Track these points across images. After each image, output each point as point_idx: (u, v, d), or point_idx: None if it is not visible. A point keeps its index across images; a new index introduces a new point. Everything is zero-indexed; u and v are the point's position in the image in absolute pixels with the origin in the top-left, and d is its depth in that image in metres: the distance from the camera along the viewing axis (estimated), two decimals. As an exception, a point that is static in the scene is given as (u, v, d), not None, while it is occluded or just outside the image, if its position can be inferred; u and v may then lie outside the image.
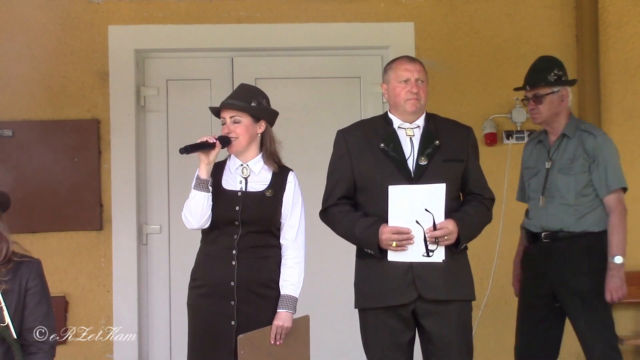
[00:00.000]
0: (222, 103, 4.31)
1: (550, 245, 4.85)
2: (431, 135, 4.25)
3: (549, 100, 4.93)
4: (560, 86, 4.95)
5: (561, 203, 4.84)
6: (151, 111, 6.30)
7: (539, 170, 4.97)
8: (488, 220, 4.35)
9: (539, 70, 4.99)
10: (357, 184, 4.28)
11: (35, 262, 3.74)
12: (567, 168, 4.86)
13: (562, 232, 4.83)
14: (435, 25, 6.28)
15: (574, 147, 4.88)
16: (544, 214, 4.89)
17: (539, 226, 4.91)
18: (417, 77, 4.24)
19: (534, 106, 4.95)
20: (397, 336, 4.20)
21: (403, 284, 4.14)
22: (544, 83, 4.93)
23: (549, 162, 4.93)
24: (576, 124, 4.96)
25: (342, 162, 4.32)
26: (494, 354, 6.17)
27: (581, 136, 4.88)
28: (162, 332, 6.25)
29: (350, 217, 4.25)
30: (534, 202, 4.96)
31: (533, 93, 4.96)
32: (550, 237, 4.85)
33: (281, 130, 6.34)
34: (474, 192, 4.30)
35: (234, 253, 4.18)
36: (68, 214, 6.07)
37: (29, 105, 6.07)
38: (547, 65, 5.01)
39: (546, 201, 4.89)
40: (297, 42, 6.25)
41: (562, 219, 4.83)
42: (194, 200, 4.15)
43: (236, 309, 4.15)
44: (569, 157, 4.88)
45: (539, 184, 4.95)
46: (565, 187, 4.84)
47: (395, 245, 4.11)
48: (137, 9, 6.18)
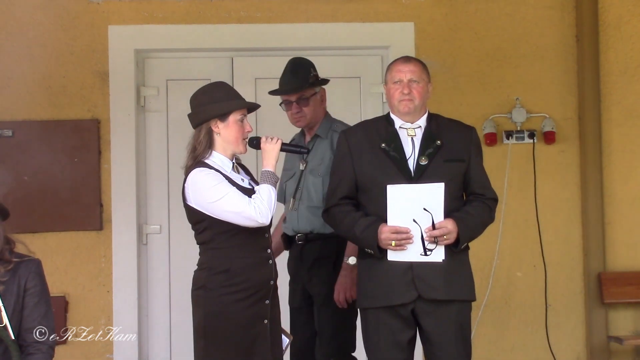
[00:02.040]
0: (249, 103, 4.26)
1: (302, 247, 4.76)
2: (433, 135, 4.25)
3: (313, 101, 4.81)
4: (319, 86, 4.85)
5: (310, 205, 4.72)
6: (151, 111, 6.30)
7: (295, 173, 4.85)
8: (490, 221, 4.33)
9: (298, 72, 4.83)
10: (359, 184, 4.28)
11: (35, 262, 3.73)
12: (317, 170, 4.74)
13: (312, 234, 4.73)
14: (435, 25, 6.28)
15: (324, 149, 4.75)
16: (295, 216, 4.78)
17: (292, 229, 4.80)
18: (410, 78, 4.22)
19: (298, 109, 4.80)
20: (397, 335, 4.19)
21: (403, 284, 4.14)
22: (308, 85, 4.79)
23: (303, 164, 4.81)
24: (329, 124, 4.83)
25: (343, 162, 4.32)
26: (494, 354, 6.18)
27: (332, 137, 4.73)
28: (162, 332, 6.25)
29: (351, 216, 4.25)
30: (288, 205, 4.86)
31: (298, 96, 4.79)
32: (303, 239, 4.75)
33: (281, 130, 6.35)
34: (476, 192, 4.28)
35: (269, 252, 4.18)
36: (68, 214, 6.07)
37: (29, 105, 6.07)
38: (304, 66, 4.86)
39: (297, 204, 4.77)
40: (297, 42, 6.24)
41: (311, 221, 4.71)
42: (272, 195, 4.06)
43: (270, 308, 4.15)
44: (319, 158, 4.76)
45: (293, 186, 4.83)
46: (314, 189, 4.72)
47: (394, 245, 4.11)
48: (137, 9, 6.18)
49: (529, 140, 6.21)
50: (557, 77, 6.29)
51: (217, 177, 4.10)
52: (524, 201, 6.18)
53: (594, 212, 6.19)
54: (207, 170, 4.12)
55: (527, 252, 6.22)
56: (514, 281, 6.23)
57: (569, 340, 6.23)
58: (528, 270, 6.23)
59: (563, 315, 6.23)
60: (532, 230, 6.18)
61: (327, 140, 4.76)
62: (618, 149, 6.25)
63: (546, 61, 6.29)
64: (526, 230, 6.20)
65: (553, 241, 6.22)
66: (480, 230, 4.29)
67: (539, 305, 6.18)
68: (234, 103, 4.19)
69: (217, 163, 4.19)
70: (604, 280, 6.13)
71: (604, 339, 6.13)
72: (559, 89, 6.29)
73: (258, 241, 4.15)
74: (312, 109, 4.81)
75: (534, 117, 6.25)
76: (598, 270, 6.16)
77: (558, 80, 6.29)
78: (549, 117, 6.24)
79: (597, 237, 6.19)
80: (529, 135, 6.21)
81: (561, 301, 6.23)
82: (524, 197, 6.18)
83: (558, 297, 6.22)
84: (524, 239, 6.22)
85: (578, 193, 6.26)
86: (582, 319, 6.23)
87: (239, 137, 4.17)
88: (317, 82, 4.86)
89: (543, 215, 6.18)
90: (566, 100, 6.29)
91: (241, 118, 4.18)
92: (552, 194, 6.25)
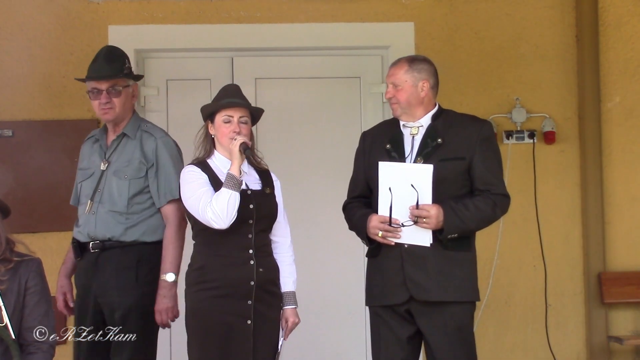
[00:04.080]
0: (230, 102, 4.21)
1: (98, 256, 4.40)
2: (435, 133, 4.23)
3: (124, 94, 4.46)
4: (132, 81, 4.54)
5: (112, 210, 4.40)
6: (151, 111, 6.29)
7: (94, 172, 4.50)
8: (493, 215, 4.24)
9: (113, 60, 4.48)
10: (369, 184, 4.31)
11: (35, 261, 3.73)
12: (123, 171, 4.42)
13: (109, 242, 4.39)
14: (435, 25, 6.28)
15: (131, 149, 4.46)
16: (92, 221, 4.42)
17: (87, 235, 4.44)
18: (392, 82, 4.24)
19: (108, 99, 4.42)
20: (395, 332, 4.20)
21: (395, 285, 4.15)
22: (122, 75, 4.46)
23: (105, 164, 4.47)
24: (138, 123, 4.54)
25: (358, 162, 4.40)
26: (494, 354, 6.17)
27: (142, 137, 4.48)
28: (162, 332, 6.23)
29: (355, 210, 4.29)
30: (83, 208, 4.49)
31: (110, 85, 4.42)
32: (99, 247, 4.40)
33: (281, 130, 6.37)
34: (479, 189, 4.21)
35: (251, 252, 4.14)
36: (68, 214, 6.02)
37: (29, 105, 6.07)
38: (119, 56, 4.52)
39: (97, 207, 4.41)
40: (297, 42, 6.24)
41: (111, 227, 4.39)
42: (230, 199, 4.02)
43: (253, 308, 4.13)
44: (125, 159, 4.44)
45: (91, 187, 4.47)
46: (118, 192, 4.40)
47: (380, 236, 4.11)
48: (137, 9, 6.18)
49: (529, 140, 6.21)
50: (557, 77, 6.29)
51: (195, 176, 4.17)
52: (524, 201, 6.17)
53: (594, 212, 6.19)
54: (191, 168, 4.20)
55: (527, 252, 6.21)
56: (514, 281, 6.23)
57: (569, 340, 6.23)
58: (528, 270, 6.22)
59: (563, 315, 6.23)
60: (532, 230, 6.17)
61: (135, 140, 4.48)
62: (618, 149, 6.25)
63: (546, 61, 6.29)
64: (526, 230, 6.20)
65: (553, 241, 6.22)
66: (477, 224, 4.20)
67: (539, 305, 6.18)
68: (212, 104, 4.25)
69: (216, 163, 4.24)
70: (604, 280, 6.13)
71: (604, 339, 6.13)
72: (559, 89, 6.29)
73: (237, 240, 4.15)
74: (123, 102, 4.46)
75: (534, 117, 6.25)
76: (598, 270, 6.16)
77: (558, 80, 6.29)
78: (549, 117, 6.24)
79: (597, 237, 6.18)
80: (529, 135, 6.21)
81: (561, 301, 6.23)
82: (524, 197, 6.17)
83: (558, 297, 6.22)
84: (524, 239, 6.22)
85: (578, 193, 6.25)
86: (582, 319, 6.23)
87: (225, 138, 4.18)
88: (131, 76, 4.54)
89: (543, 215, 6.17)
90: (566, 100, 6.29)
91: (226, 119, 4.19)
92: (552, 194, 6.25)
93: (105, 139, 4.57)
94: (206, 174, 4.18)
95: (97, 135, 4.61)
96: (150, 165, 4.44)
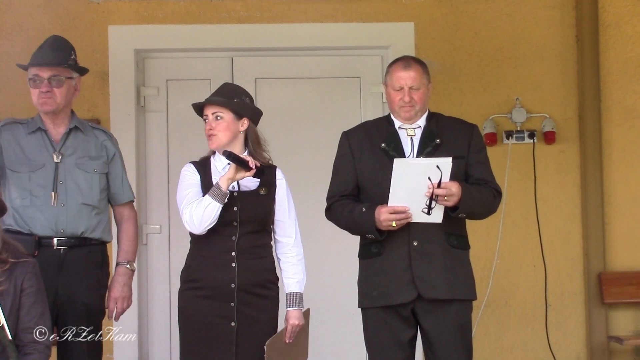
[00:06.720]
0: (208, 100, 4.23)
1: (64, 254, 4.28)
2: (432, 134, 4.26)
3: (67, 85, 4.31)
4: (77, 74, 4.40)
5: (84, 203, 4.31)
6: (151, 111, 6.30)
7: (44, 164, 4.30)
8: (492, 205, 4.28)
9: (59, 49, 4.33)
10: (359, 184, 4.30)
11: (31, 262, 3.75)
12: (88, 165, 4.34)
13: (77, 239, 4.29)
14: (435, 25, 6.28)
15: (87, 144, 4.37)
16: (63, 213, 4.28)
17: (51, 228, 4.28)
18: (411, 85, 4.23)
19: (49, 88, 4.24)
20: (397, 335, 4.20)
21: (402, 283, 4.15)
22: (66, 64, 4.31)
23: (58, 156, 4.30)
24: (80, 119, 4.45)
25: (344, 162, 4.34)
26: (494, 354, 6.18)
27: (94, 133, 4.42)
28: (162, 332, 6.25)
29: (349, 207, 4.26)
30: (41, 200, 4.29)
31: (52, 73, 4.26)
32: (65, 243, 4.27)
33: (281, 130, 6.37)
34: (477, 183, 4.25)
35: (233, 255, 4.13)
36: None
37: (29, 105, 6.05)
38: (66, 46, 4.38)
39: (66, 199, 4.27)
40: (297, 42, 6.25)
41: (85, 220, 4.30)
42: (208, 208, 4.03)
43: (236, 311, 4.12)
44: (84, 153, 4.35)
45: (46, 178, 4.28)
46: (88, 185, 4.32)
47: (396, 225, 4.10)
48: (137, 9, 6.18)
49: (529, 140, 6.21)
50: (557, 77, 6.29)
51: (186, 175, 4.20)
52: (524, 201, 6.17)
53: (594, 212, 6.18)
54: (186, 167, 4.26)
55: (527, 252, 6.21)
56: (514, 281, 6.23)
57: (569, 340, 6.23)
58: (528, 270, 6.22)
59: (563, 315, 6.23)
60: (532, 230, 6.17)
61: (88, 136, 4.39)
62: (618, 149, 6.25)
63: (546, 61, 6.28)
64: (526, 230, 6.20)
65: (553, 241, 6.22)
66: (480, 209, 4.23)
67: (539, 305, 6.18)
68: (194, 105, 4.27)
69: (216, 163, 4.26)
70: (604, 280, 6.13)
71: (604, 339, 6.13)
72: (559, 89, 6.29)
73: (220, 242, 4.15)
74: (64, 93, 4.30)
75: (534, 117, 6.25)
76: (598, 270, 6.16)
77: (558, 80, 6.29)
78: (549, 117, 6.24)
79: (597, 237, 6.18)
80: (529, 135, 6.21)
81: (561, 301, 6.23)
82: (524, 197, 6.18)
83: (558, 297, 6.22)
84: (524, 239, 6.22)
85: (578, 193, 6.25)
86: (582, 319, 6.23)
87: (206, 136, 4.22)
88: (76, 68, 4.39)
89: (543, 215, 6.17)
90: (566, 100, 6.28)
91: (205, 118, 4.21)
92: (552, 194, 6.25)
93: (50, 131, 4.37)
94: (200, 175, 4.20)
95: (40, 125, 4.37)
96: (110, 162, 4.43)
